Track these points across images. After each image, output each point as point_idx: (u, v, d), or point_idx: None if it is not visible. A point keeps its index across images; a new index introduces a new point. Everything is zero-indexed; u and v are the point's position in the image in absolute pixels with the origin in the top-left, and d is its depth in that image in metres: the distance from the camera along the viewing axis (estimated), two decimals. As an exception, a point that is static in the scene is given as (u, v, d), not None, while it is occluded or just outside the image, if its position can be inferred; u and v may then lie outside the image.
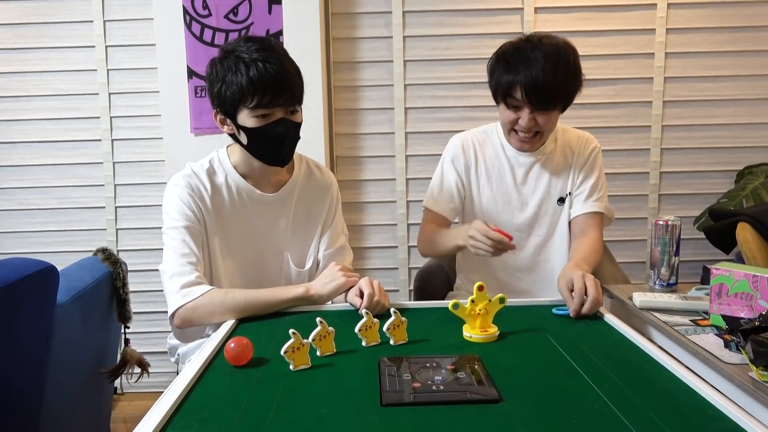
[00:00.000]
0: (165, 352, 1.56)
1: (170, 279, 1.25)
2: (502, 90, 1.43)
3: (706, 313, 1.24)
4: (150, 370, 1.73)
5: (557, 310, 1.25)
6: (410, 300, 2.18)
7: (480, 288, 1.08)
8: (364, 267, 2.58)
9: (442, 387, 0.85)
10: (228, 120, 1.30)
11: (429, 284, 1.76)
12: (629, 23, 2.43)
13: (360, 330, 1.04)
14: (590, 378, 0.89)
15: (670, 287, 1.44)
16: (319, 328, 0.98)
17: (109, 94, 2.48)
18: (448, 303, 1.08)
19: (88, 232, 2.56)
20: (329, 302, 1.33)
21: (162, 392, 0.89)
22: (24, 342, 1.28)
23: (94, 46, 2.45)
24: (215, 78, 1.26)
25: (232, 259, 1.38)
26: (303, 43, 2.29)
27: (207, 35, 2.29)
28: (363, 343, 1.05)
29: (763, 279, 1.14)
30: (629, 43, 2.44)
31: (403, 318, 1.07)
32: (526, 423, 0.76)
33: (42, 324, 1.31)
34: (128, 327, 1.77)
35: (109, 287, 1.69)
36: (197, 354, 1.07)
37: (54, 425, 1.40)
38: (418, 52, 2.46)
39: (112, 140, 2.51)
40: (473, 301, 1.08)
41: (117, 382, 1.87)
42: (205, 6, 2.27)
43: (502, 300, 1.10)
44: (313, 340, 0.98)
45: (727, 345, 1.07)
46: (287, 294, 1.27)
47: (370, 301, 1.21)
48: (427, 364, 0.93)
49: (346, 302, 1.31)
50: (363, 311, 1.08)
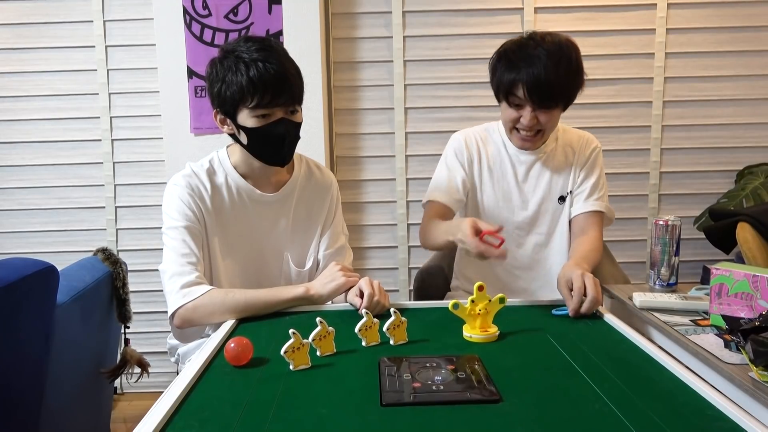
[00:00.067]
0: (165, 352, 1.57)
1: (170, 279, 1.25)
2: (504, 88, 1.42)
3: (706, 313, 1.24)
4: (150, 370, 1.73)
5: (556, 311, 1.25)
6: (410, 300, 2.18)
7: (480, 288, 1.08)
8: (364, 267, 2.58)
9: (442, 387, 0.85)
10: (228, 120, 1.30)
11: (429, 284, 1.76)
12: (629, 23, 2.43)
13: (360, 330, 1.04)
14: (590, 378, 0.89)
15: (670, 287, 1.44)
16: (319, 328, 0.98)
17: (109, 94, 2.48)
18: (448, 303, 1.08)
19: (88, 232, 2.56)
20: (329, 302, 1.33)
21: (162, 392, 0.89)
22: (24, 342, 1.28)
23: (94, 46, 2.46)
24: (215, 78, 1.26)
25: (232, 259, 1.38)
26: (303, 43, 2.29)
27: (207, 35, 2.29)
28: (363, 343, 1.05)
29: (763, 279, 1.14)
30: (629, 43, 2.44)
31: (403, 318, 1.07)
32: (526, 423, 0.76)
33: (42, 324, 1.31)
34: (128, 327, 1.77)
35: (109, 287, 1.69)
36: (197, 354, 1.07)
37: (54, 425, 1.40)
38: (418, 52, 2.46)
39: (112, 140, 2.51)
40: (473, 301, 1.08)
41: (117, 382, 1.87)
42: (205, 6, 2.27)
43: (502, 300, 1.10)
44: (313, 340, 0.98)
45: (727, 345, 1.07)
46: (287, 294, 1.27)
47: (370, 301, 1.21)
48: (427, 364, 0.93)
49: (346, 302, 1.31)
50: (363, 311, 1.08)
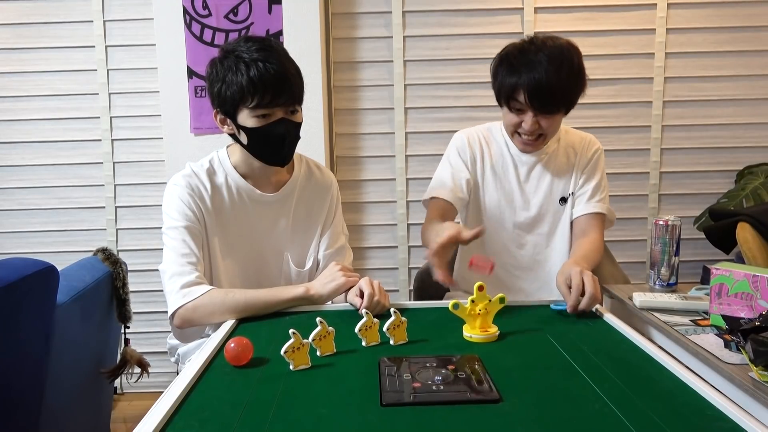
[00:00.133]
0: (165, 352, 1.56)
1: (170, 279, 1.25)
2: (505, 93, 1.41)
3: (706, 313, 1.24)
4: (150, 370, 1.73)
5: (555, 306, 1.26)
6: (410, 300, 2.19)
7: (480, 288, 1.08)
8: (364, 267, 2.58)
9: (442, 387, 0.85)
10: (228, 120, 1.30)
11: (429, 284, 1.76)
12: (629, 23, 2.43)
13: (360, 330, 1.04)
14: (590, 378, 0.89)
15: (670, 287, 1.44)
16: (319, 328, 0.98)
17: (109, 94, 2.48)
18: (448, 303, 1.08)
19: (88, 232, 2.56)
20: (329, 302, 1.33)
21: (162, 392, 0.89)
22: (24, 342, 1.28)
23: (94, 46, 2.46)
24: (215, 78, 1.26)
25: (232, 259, 1.38)
26: (303, 43, 2.29)
27: (207, 35, 2.29)
28: (363, 343, 1.05)
29: (763, 279, 1.14)
30: (629, 43, 2.44)
31: (403, 318, 1.07)
32: (526, 423, 0.76)
33: (42, 324, 1.31)
34: (128, 327, 1.77)
35: (109, 287, 1.69)
36: (197, 354, 1.07)
37: (54, 425, 1.40)
38: (418, 52, 2.46)
39: (112, 140, 2.51)
40: (473, 301, 1.08)
41: (117, 382, 1.87)
42: (205, 6, 2.27)
43: (502, 300, 1.10)
44: (313, 340, 0.98)
45: (727, 345, 1.07)
46: (287, 294, 1.27)
47: (370, 301, 1.21)
48: (427, 364, 0.93)
49: (346, 302, 1.31)
50: (363, 311, 1.08)
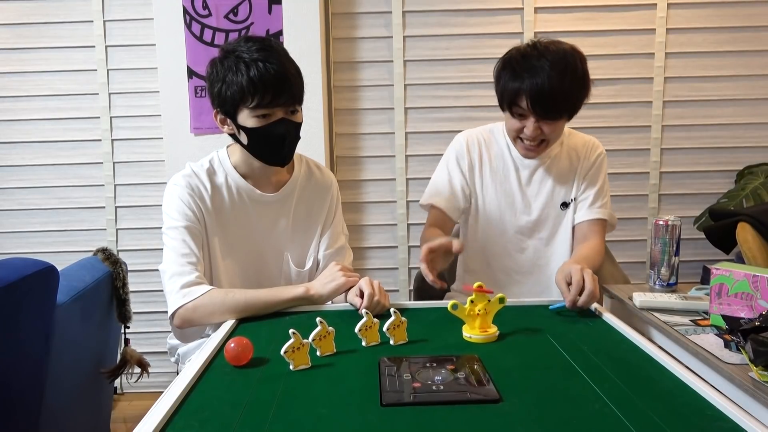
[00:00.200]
0: (165, 352, 1.56)
1: (170, 279, 1.25)
2: (508, 98, 1.40)
3: (706, 313, 1.24)
4: (150, 370, 1.73)
5: (553, 306, 1.26)
6: (410, 300, 2.18)
7: (479, 288, 1.08)
8: (364, 267, 2.58)
9: (442, 387, 0.85)
10: (228, 120, 1.30)
11: (429, 284, 1.75)
12: (629, 23, 2.43)
13: (360, 330, 1.04)
14: (590, 378, 0.89)
15: (670, 287, 1.44)
16: (319, 328, 0.98)
17: (109, 94, 2.48)
18: (448, 303, 1.08)
19: (88, 232, 2.56)
20: (329, 302, 1.33)
21: (162, 392, 0.89)
22: (24, 342, 1.28)
23: (94, 46, 2.46)
24: (215, 78, 1.26)
25: (232, 259, 1.38)
26: (303, 43, 2.29)
27: (207, 35, 2.29)
28: (363, 343, 1.05)
29: (763, 279, 1.14)
30: (629, 43, 2.44)
31: (403, 318, 1.07)
32: (526, 423, 0.76)
33: (42, 324, 1.31)
34: (128, 327, 1.77)
35: (109, 287, 1.69)
36: (197, 354, 1.07)
37: (54, 425, 1.40)
38: (418, 52, 2.46)
39: (112, 140, 2.51)
40: (472, 302, 1.08)
41: (117, 382, 1.87)
42: (205, 6, 2.27)
43: (502, 300, 1.10)
44: (313, 340, 0.98)
45: (727, 345, 1.07)
46: (287, 294, 1.27)
47: (370, 301, 1.21)
48: (427, 364, 0.93)
49: (346, 302, 1.31)
50: (363, 311, 1.08)
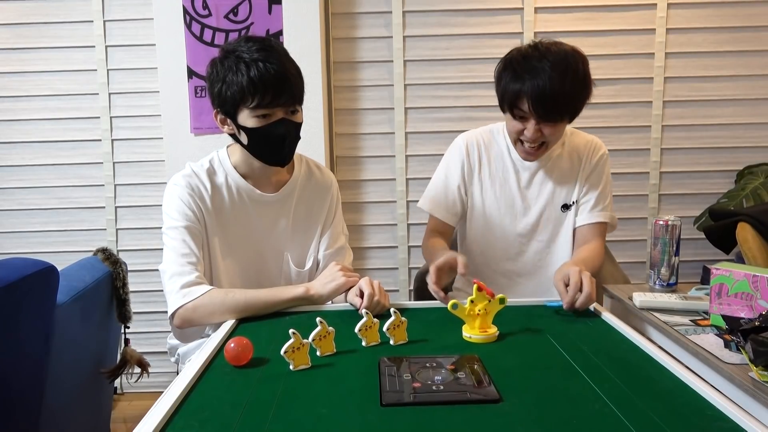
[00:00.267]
0: (165, 352, 1.56)
1: (170, 279, 1.25)
2: (509, 99, 1.39)
3: (706, 313, 1.24)
4: (150, 370, 1.73)
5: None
6: (410, 300, 2.18)
7: (479, 288, 1.08)
8: (364, 267, 2.58)
9: (442, 387, 0.85)
10: (228, 120, 1.30)
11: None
12: (629, 23, 2.43)
13: (360, 330, 1.04)
14: (590, 378, 0.89)
15: (670, 287, 1.44)
16: (319, 328, 0.98)
17: (109, 94, 2.48)
18: (448, 303, 1.08)
19: (88, 232, 2.56)
20: (329, 302, 1.33)
21: (162, 392, 0.89)
22: (24, 342, 1.28)
23: (94, 46, 2.46)
24: (216, 78, 1.26)
25: (232, 259, 1.38)
26: (303, 43, 2.29)
27: (207, 35, 2.29)
28: (363, 343, 1.05)
29: (763, 279, 1.14)
30: (629, 43, 2.44)
31: (403, 318, 1.07)
32: (526, 423, 0.76)
33: (42, 324, 1.31)
34: (128, 327, 1.77)
35: (109, 287, 1.69)
36: (197, 354, 1.07)
37: (54, 425, 1.40)
38: (418, 52, 2.46)
39: (112, 140, 2.51)
40: (472, 302, 1.08)
41: (117, 382, 1.87)
42: (205, 6, 2.27)
43: (502, 300, 1.10)
44: (313, 340, 0.98)
45: (727, 345, 1.07)
46: (287, 294, 1.27)
47: (370, 301, 1.21)
48: (427, 364, 0.93)
49: (346, 302, 1.31)
50: (363, 311, 1.08)
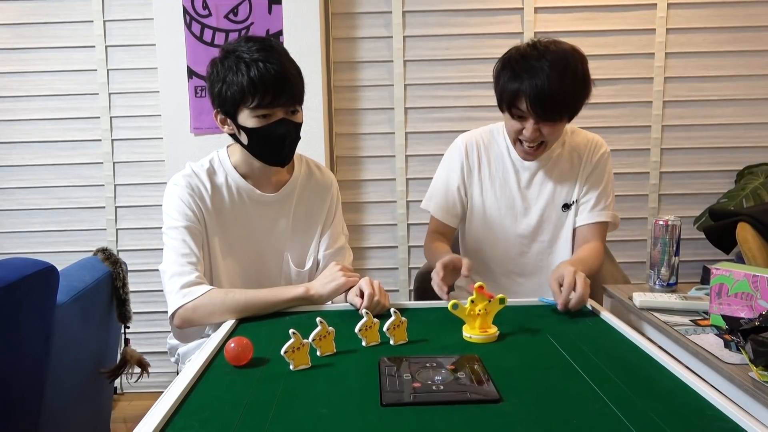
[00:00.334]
0: (165, 352, 1.56)
1: (170, 279, 1.25)
2: (507, 99, 1.39)
3: (706, 313, 1.24)
4: (150, 370, 1.73)
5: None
6: (410, 300, 2.18)
7: (480, 288, 1.08)
8: (364, 267, 2.58)
9: (442, 387, 0.85)
10: (228, 120, 1.30)
11: (429, 284, 1.75)
12: (629, 23, 2.43)
13: (360, 330, 1.04)
14: (590, 378, 0.89)
15: (670, 287, 1.44)
16: (319, 328, 0.98)
17: (109, 94, 2.48)
18: (448, 303, 1.08)
19: (88, 232, 2.56)
20: (329, 302, 1.33)
21: (162, 392, 0.89)
22: (24, 342, 1.28)
23: (94, 46, 2.46)
24: (216, 78, 1.26)
25: (232, 259, 1.38)
26: (303, 43, 2.28)
27: (207, 35, 2.29)
28: (363, 343, 1.05)
29: (763, 279, 1.14)
30: (629, 43, 2.44)
31: (403, 318, 1.07)
32: (526, 423, 0.76)
33: (42, 324, 1.31)
34: (128, 327, 1.77)
35: (109, 287, 1.69)
36: (197, 354, 1.07)
37: (54, 425, 1.40)
38: (418, 52, 2.46)
39: (112, 140, 2.51)
40: (473, 302, 1.08)
41: (117, 382, 1.87)
42: (205, 6, 2.27)
43: (503, 300, 1.10)
44: (313, 340, 0.98)
45: (727, 345, 1.07)
46: (287, 294, 1.27)
47: (371, 301, 1.21)
48: (427, 364, 0.93)
49: (346, 302, 1.31)
50: (363, 311, 1.08)
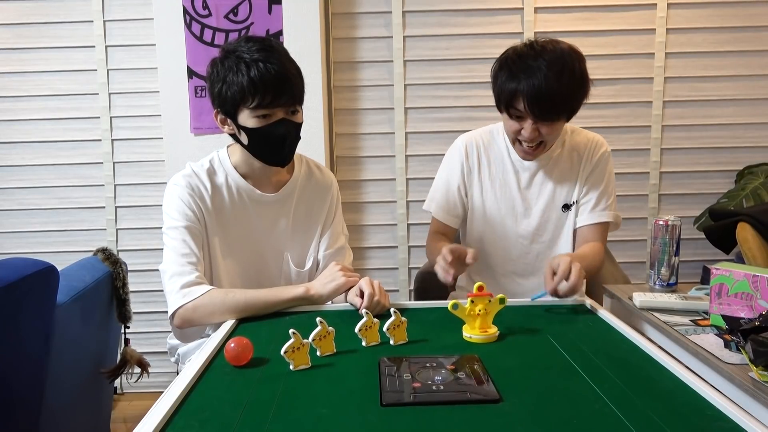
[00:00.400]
0: (165, 352, 1.57)
1: (170, 279, 1.25)
2: (505, 99, 1.38)
3: (706, 313, 1.24)
4: (150, 370, 1.73)
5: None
6: (410, 300, 2.19)
7: (480, 288, 1.08)
8: (364, 267, 2.58)
9: (442, 387, 0.85)
10: (229, 120, 1.30)
11: (429, 284, 1.76)
12: (629, 23, 2.43)
13: (360, 330, 1.04)
14: (590, 378, 0.89)
15: (670, 287, 1.44)
16: (319, 328, 0.98)
17: (109, 94, 2.48)
18: (448, 303, 1.08)
19: (88, 232, 2.56)
20: (329, 302, 1.33)
21: (162, 392, 0.89)
22: (24, 342, 1.28)
23: (94, 46, 2.46)
24: (216, 78, 1.26)
25: (232, 259, 1.38)
26: (303, 43, 2.29)
27: (207, 35, 2.29)
28: (363, 343, 1.05)
29: (763, 279, 1.14)
30: (629, 43, 2.44)
31: (403, 318, 1.07)
32: (526, 423, 0.76)
33: (42, 324, 1.31)
34: (128, 327, 1.77)
35: (109, 287, 1.69)
36: (197, 354, 1.07)
37: (54, 425, 1.40)
38: (418, 52, 2.46)
39: (112, 140, 2.51)
40: (473, 302, 1.08)
41: (117, 382, 1.87)
42: (205, 6, 2.27)
43: (502, 300, 1.10)
44: (313, 340, 0.98)
45: (727, 345, 1.07)
46: (287, 294, 1.27)
47: (371, 301, 1.21)
48: (427, 364, 0.93)
49: (346, 302, 1.31)
50: (363, 311, 1.08)
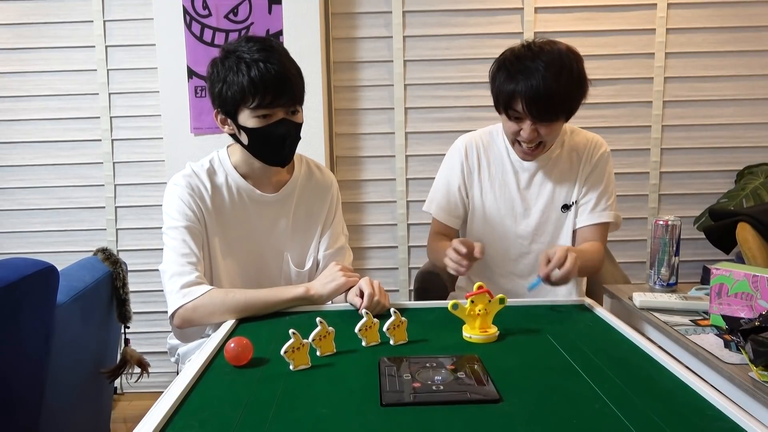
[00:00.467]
0: (165, 352, 1.56)
1: (170, 279, 1.25)
2: (503, 100, 1.39)
3: (706, 313, 1.24)
4: (150, 370, 1.73)
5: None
6: (410, 300, 2.18)
7: (479, 288, 1.08)
8: (364, 267, 2.58)
9: (442, 387, 0.85)
10: (229, 120, 1.30)
11: (429, 284, 1.76)
12: (629, 23, 2.43)
13: (360, 330, 1.04)
14: (590, 378, 0.89)
15: (670, 287, 1.44)
16: (319, 328, 0.98)
17: (109, 94, 2.48)
18: (448, 303, 1.08)
19: (88, 232, 2.56)
20: (329, 302, 1.33)
21: (162, 392, 0.89)
22: (24, 342, 1.28)
23: (94, 46, 2.46)
24: (216, 78, 1.26)
25: (232, 259, 1.38)
26: (303, 43, 2.29)
27: (207, 35, 2.29)
28: (363, 343, 1.05)
29: (763, 279, 1.14)
30: (629, 43, 2.44)
31: (403, 318, 1.07)
32: (526, 423, 0.76)
33: (42, 324, 1.31)
34: (128, 327, 1.77)
35: (109, 287, 1.69)
36: (197, 354, 1.07)
37: (54, 425, 1.40)
38: (418, 52, 2.46)
39: (112, 140, 2.51)
40: (473, 302, 1.08)
41: (117, 382, 1.87)
42: (205, 6, 2.27)
43: (502, 300, 1.10)
44: (313, 340, 0.98)
45: (727, 345, 1.07)
46: (287, 294, 1.27)
47: (370, 301, 1.21)
48: (427, 364, 0.93)
49: (346, 302, 1.31)
50: (363, 311, 1.08)
